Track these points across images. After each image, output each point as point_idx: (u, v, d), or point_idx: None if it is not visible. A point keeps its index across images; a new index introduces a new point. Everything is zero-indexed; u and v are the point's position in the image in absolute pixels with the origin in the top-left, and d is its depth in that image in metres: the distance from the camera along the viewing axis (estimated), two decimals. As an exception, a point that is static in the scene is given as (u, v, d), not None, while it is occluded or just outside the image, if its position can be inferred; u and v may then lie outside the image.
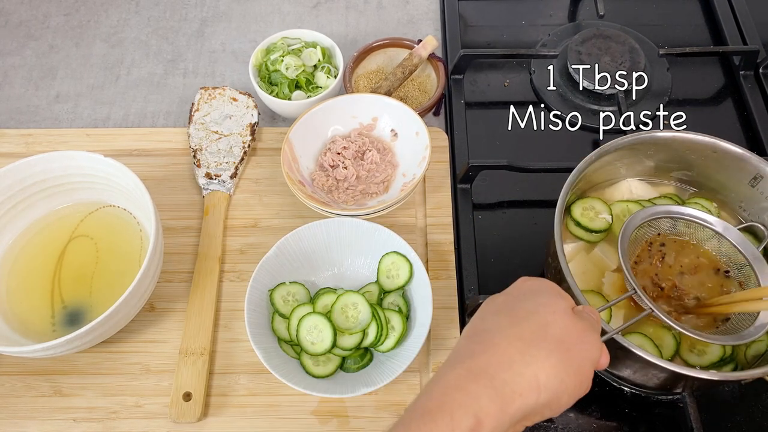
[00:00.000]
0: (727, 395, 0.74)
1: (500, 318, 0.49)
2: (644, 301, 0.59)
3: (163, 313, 0.79)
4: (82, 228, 0.80)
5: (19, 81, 1.00)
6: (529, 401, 0.45)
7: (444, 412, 0.43)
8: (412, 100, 0.94)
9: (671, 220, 0.68)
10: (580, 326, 0.49)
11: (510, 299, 0.52)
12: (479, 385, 0.44)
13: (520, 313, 0.49)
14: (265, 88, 0.92)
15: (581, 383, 0.48)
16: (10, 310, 0.75)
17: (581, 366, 0.47)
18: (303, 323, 0.71)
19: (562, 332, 0.48)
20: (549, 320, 0.48)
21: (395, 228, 0.78)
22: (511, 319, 0.49)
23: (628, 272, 0.61)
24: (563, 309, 0.49)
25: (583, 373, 0.48)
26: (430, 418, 0.43)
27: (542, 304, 0.50)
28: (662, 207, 0.68)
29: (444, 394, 0.45)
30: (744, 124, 0.94)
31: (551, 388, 0.46)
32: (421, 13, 1.07)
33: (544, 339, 0.47)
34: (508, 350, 0.46)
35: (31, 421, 0.72)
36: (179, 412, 0.71)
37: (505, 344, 0.47)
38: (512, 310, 0.50)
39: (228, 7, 1.09)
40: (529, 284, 0.53)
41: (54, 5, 1.09)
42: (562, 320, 0.48)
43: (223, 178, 0.86)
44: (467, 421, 0.43)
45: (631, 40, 0.97)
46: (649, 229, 0.68)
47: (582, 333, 0.49)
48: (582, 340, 0.48)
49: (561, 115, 0.95)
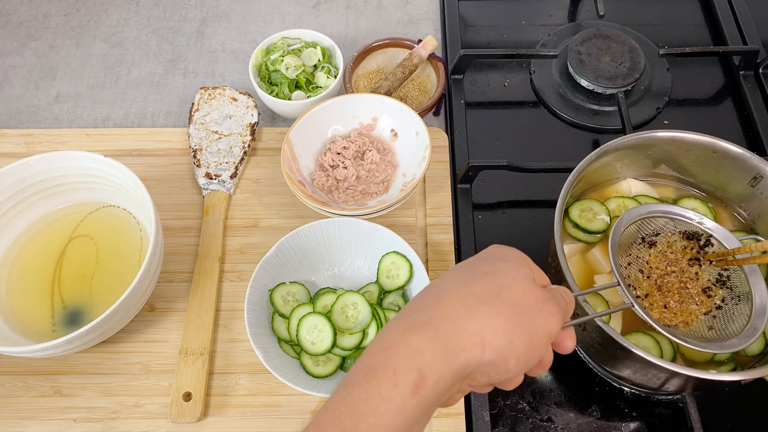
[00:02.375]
0: (727, 395, 0.74)
1: (456, 276, 0.48)
2: (625, 295, 0.59)
3: (163, 313, 0.79)
4: (82, 228, 0.80)
5: (19, 81, 1.01)
6: (473, 356, 0.43)
7: (387, 368, 0.42)
8: (412, 100, 0.94)
9: (667, 219, 0.68)
10: (538, 294, 0.47)
11: (473, 260, 0.50)
12: (422, 337, 0.43)
13: (478, 274, 0.47)
14: (265, 88, 0.92)
15: (532, 350, 0.45)
16: (10, 310, 0.75)
17: (534, 332, 0.45)
18: (303, 323, 0.71)
19: (518, 296, 0.46)
20: (506, 283, 0.46)
21: (395, 228, 0.78)
22: (466, 278, 0.47)
23: (614, 265, 0.61)
24: (524, 275, 0.47)
25: (535, 340, 0.45)
26: (372, 375, 0.42)
27: (503, 268, 0.48)
28: (655, 206, 0.67)
29: (386, 350, 0.43)
30: (744, 124, 0.94)
31: (497, 347, 0.44)
32: (421, 13, 1.07)
33: (496, 298, 0.45)
34: (455, 304, 0.45)
35: (31, 421, 0.72)
36: (179, 412, 0.71)
37: (453, 298, 0.45)
38: (470, 269, 0.48)
39: (228, 7, 1.09)
40: (497, 250, 0.51)
41: (54, 5, 1.09)
42: (521, 285, 0.46)
43: (223, 178, 0.86)
44: (411, 376, 0.41)
45: (631, 40, 0.97)
46: (643, 227, 0.68)
47: (540, 301, 0.46)
48: (538, 308, 0.46)
49: (561, 115, 0.95)
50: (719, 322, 0.63)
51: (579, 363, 0.75)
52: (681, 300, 0.65)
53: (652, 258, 0.67)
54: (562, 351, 0.50)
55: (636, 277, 0.66)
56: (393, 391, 0.41)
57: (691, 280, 0.66)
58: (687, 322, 0.64)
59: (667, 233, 0.68)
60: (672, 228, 0.68)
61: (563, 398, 0.74)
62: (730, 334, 0.61)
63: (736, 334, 0.60)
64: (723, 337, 0.61)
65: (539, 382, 0.75)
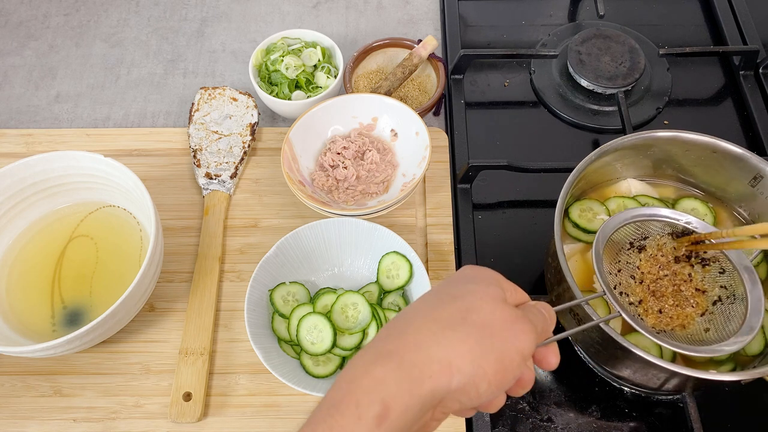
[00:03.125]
0: (727, 395, 0.74)
1: (423, 303, 0.47)
2: (613, 303, 0.59)
3: (163, 313, 0.79)
4: (82, 228, 0.80)
5: (19, 81, 1.01)
6: (441, 384, 0.42)
7: (350, 402, 0.41)
8: (412, 100, 0.94)
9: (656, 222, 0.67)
10: (508, 314, 0.46)
11: (443, 284, 0.49)
12: (386, 368, 0.42)
13: (445, 298, 0.46)
14: (265, 88, 0.92)
15: (504, 372, 0.44)
16: (10, 310, 0.75)
17: (504, 353, 0.44)
18: (303, 323, 0.71)
19: (486, 317, 0.45)
20: (474, 306, 0.45)
21: (395, 228, 0.78)
22: (433, 303, 0.46)
23: (599, 274, 0.61)
24: (493, 296, 0.46)
25: (506, 361, 0.44)
26: (335, 410, 0.41)
27: (471, 291, 0.47)
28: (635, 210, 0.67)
29: (350, 382, 0.42)
30: (744, 124, 0.94)
31: (465, 372, 0.42)
32: (421, 13, 1.07)
33: (463, 322, 0.44)
34: (421, 330, 0.44)
35: (31, 421, 0.72)
36: (179, 412, 0.71)
37: (419, 325, 0.44)
38: (438, 294, 0.47)
39: (228, 7, 1.09)
40: (468, 272, 0.50)
41: (54, 5, 1.09)
42: (489, 306, 0.45)
43: (223, 178, 0.86)
44: (374, 409, 0.40)
45: (631, 40, 0.97)
46: (631, 231, 0.68)
47: (510, 321, 0.45)
48: (509, 328, 0.45)
49: (561, 115, 0.95)
50: (716, 323, 0.63)
51: (579, 363, 0.75)
52: (676, 303, 0.65)
53: (643, 263, 0.66)
54: (545, 368, 0.49)
55: (628, 283, 0.66)
56: (356, 424, 0.40)
57: (685, 282, 0.65)
58: (684, 326, 0.64)
59: (656, 236, 0.67)
60: (660, 230, 0.67)
61: (563, 398, 0.74)
62: (728, 335, 0.61)
63: (733, 334, 0.60)
64: (720, 338, 0.61)
65: (539, 383, 0.75)
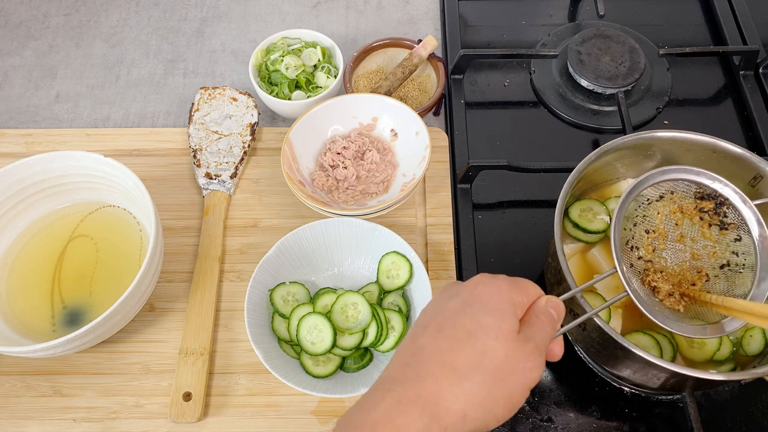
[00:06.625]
0: (727, 395, 0.74)
1: (439, 339, 0.49)
2: (623, 282, 0.58)
3: (163, 313, 0.79)
4: (82, 228, 0.80)
5: (19, 81, 1.01)
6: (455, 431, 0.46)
7: None
8: (412, 100, 0.94)
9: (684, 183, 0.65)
10: (521, 353, 0.48)
11: (457, 306, 0.50)
12: (408, 418, 0.45)
13: (461, 335, 0.48)
14: (265, 88, 0.92)
15: (510, 408, 0.48)
16: (10, 310, 0.75)
17: (512, 394, 0.48)
18: (303, 323, 0.71)
19: (500, 361, 0.47)
20: (487, 348, 0.48)
21: (395, 228, 0.78)
22: (449, 343, 0.48)
23: (615, 248, 0.60)
24: (506, 334, 0.49)
25: (514, 399, 0.48)
26: None
27: (485, 327, 0.49)
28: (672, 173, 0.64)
29: (373, 428, 0.45)
30: (744, 124, 0.94)
31: (478, 419, 0.47)
32: (421, 13, 1.07)
33: (478, 368, 0.47)
34: (440, 381, 0.47)
35: (31, 421, 0.72)
36: (179, 412, 0.71)
37: (437, 373, 0.47)
38: (454, 328, 0.49)
39: (228, 7, 1.09)
40: (482, 289, 0.51)
41: (54, 5, 1.09)
42: (503, 347, 0.48)
43: (223, 178, 0.86)
44: None
45: (631, 40, 0.97)
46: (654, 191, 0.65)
47: (522, 360, 0.48)
48: (520, 369, 0.48)
49: (561, 115, 0.95)
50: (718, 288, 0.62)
51: (579, 363, 0.75)
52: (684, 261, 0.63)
53: (660, 217, 0.65)
54: (550, 359, 0.52)
55: (641, 236, 0.64)
56: None
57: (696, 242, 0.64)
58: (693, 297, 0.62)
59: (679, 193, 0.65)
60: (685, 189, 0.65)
61: (563, 398, 0.74)
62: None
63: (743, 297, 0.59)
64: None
65: (539, 383, 0.75)
